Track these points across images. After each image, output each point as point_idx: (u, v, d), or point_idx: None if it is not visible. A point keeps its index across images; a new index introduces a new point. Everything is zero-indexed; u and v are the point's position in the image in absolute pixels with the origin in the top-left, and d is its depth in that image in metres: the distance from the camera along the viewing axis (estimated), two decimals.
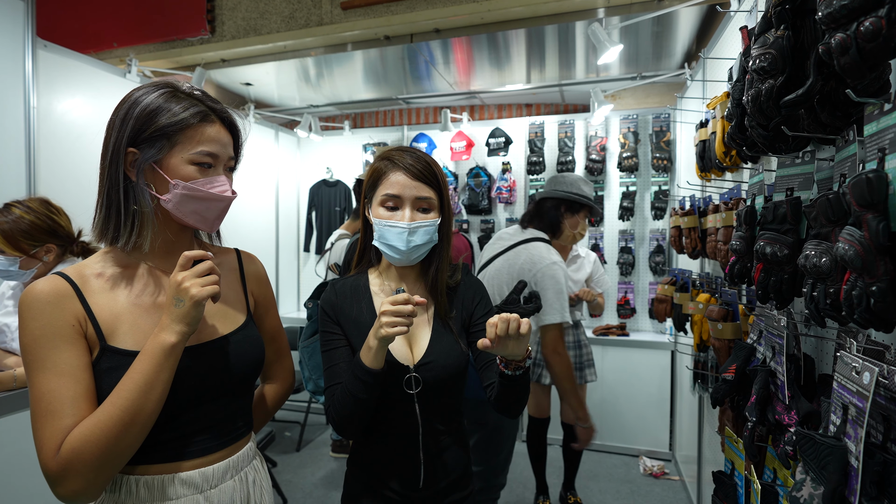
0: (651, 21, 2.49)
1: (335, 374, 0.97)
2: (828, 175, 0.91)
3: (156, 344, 0.72)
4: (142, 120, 0.77)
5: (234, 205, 0.88)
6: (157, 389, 0.72)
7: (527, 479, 2.91)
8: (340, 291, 1.03)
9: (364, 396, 0.89)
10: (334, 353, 0.99)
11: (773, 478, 1.10)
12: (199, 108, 0.80)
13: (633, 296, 3.46)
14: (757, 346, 1.20)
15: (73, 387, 0.71)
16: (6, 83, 2.04)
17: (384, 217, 0.95)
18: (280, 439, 3.41)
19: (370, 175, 1.00)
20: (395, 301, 0.85)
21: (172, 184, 0.78)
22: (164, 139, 0.77)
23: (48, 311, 0.72)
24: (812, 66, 0.78)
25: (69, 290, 0.74)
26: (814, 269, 0.76)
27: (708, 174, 1.83)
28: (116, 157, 0.77)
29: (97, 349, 0.75)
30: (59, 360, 0.71)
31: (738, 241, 1.18)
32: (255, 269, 1.01)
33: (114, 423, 0.69)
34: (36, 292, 0.73)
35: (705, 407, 2.31)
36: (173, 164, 0.78)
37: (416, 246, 0.95)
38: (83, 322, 0.74)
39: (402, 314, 0.84)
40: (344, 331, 1.00)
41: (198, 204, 0.80)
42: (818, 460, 0.69)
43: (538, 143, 3.54)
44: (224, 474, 0.83)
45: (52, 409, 0.69)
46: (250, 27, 2.92)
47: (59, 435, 0.68)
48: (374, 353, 0.87)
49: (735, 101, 1.18)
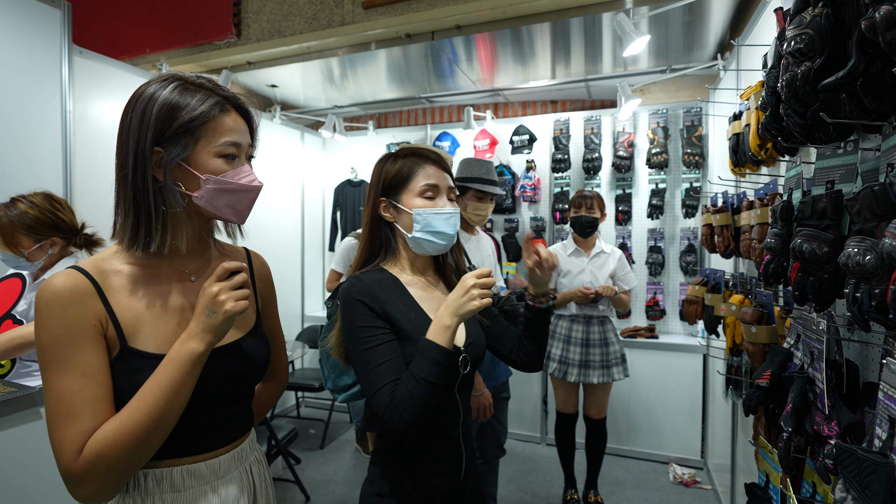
0: (682, 10, 2.39)
1: (385, 373, 0.88)
2: (873, 166, 0.84)
3: (184, 351, 0.72)
4: (162, 118, 0.75)
5: (261, 204, 0.87)
6: (182, 396, 0.72)
7: (555, 475, 2.90)
8: (375, 284, 0.96)
9: (441, 382, 0.86)
10: (380, 349, 0.90)
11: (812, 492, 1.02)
12: (214, 99, 0.79)
13: (663, 297, 3.34)
14: (794, 350, 1.12)
15: (95, 389, 0.70)
16: (44, 88, 2.12)
17: (426, 206, 0.98)
18: (304, 437, 3.45)
19: (397, 171, 1.01)
20: (480, 274, 0.88)
21: (203, 179, 0.77)
22: (188, 135, 0.76)
23: (70, 310, 0.70)
24: (854, 44, 0.71)
25: (90, 288, 0.73)
26: (857, 267, 0.69)
27: (742, 169, 1.74)
28: (143, 160, 0.75)
29: (116, 350, 0.74)
30: (81, 361, 0.70)
31: (773, 239, 1.11)
32: (263, 270, 1.01)
33: (139, 427, 0.69)
34: (56, 289, 0.70)
35: (739, 413, 2.20)
36: (201, 160, 0.77)
37: (457, 231, 1.01)
38: (104, 322, 0.73)
39: (489, 286, 0.87)
40: (392, 322, 0.94)
41: (230, 197, 0.80)
42: (861, 478, 0.63)
43: (563, 140, 3.47)
44: (229, 466, 0.84)
45: (72, 410, 0.68)
46: (274, 29, 2.96)
47: (81, 437, 0.68)
48: (452, 332, 0.87)
49: (769, 88, 1.11)
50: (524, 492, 2.76)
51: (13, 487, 1.34)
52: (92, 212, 1.75)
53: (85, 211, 1.78)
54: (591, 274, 2.48)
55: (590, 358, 2.44)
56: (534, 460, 3.15)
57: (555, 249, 2.59)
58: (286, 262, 3.86)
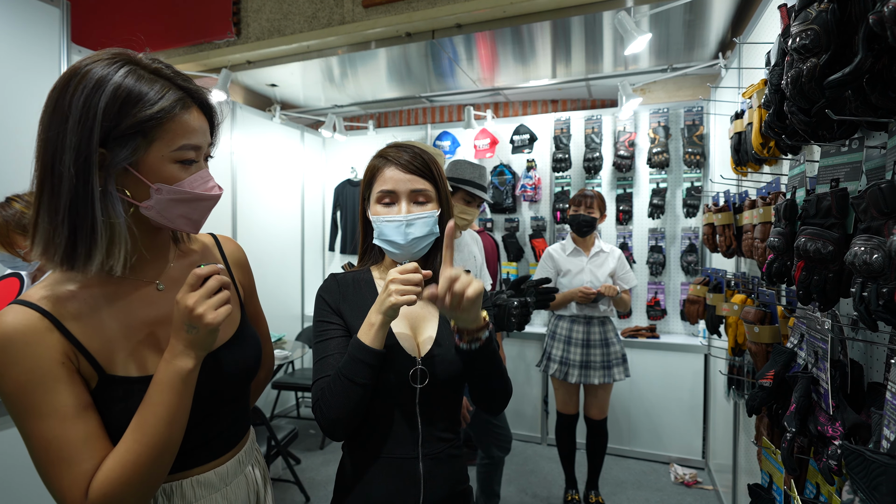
0: (682, 8, 2.38)
1: (326, 366, 0.88)
2: (878, 164, 0.83)
3: (172, 372, 0.66)
4: (112, 112, 0.62)
5: (261, 204, 0.83)
6: (181, 416, 0.68)
7: (555, 475, 2.90)
8: (343, 282, 0.98)
9: (362, 381, 0.81)
10: (328, 343, 0.91)
11: (816, 493, 1.01)
12: (176, 94, 0.67)
13: (664, 297, 3.33)
14: (798, 350, 1.11)
15: (82, 428, 0.63)
16: (42, 88, 2.09)
17: (381, 213, 0.91)
18: (304, 437, 3.44)
19: (367, 174, 0.97)
20: (404, 269, 0.81)
21: (154, 188, 0.66)
22: (139, 136, 0.64)
23: (28, 353, 0.61)
24: (861, 40, 0.70)
25: (44, 323, 0.63)
26: (864, 266, 0.69)
27: (744, 168, 1.73)
28: (86, 161, 0.61)
29: (95, 380, 0.67)
30: (58, 404, 0.62)
31: (777, 238, 1.10)
32: (237, 255, 0.93)
33: (143, 460, 0.64)
34: (6, 333, 0.61)
35: (741, 414, 2.19)
36: (152, 165, 0.66)
37: (416, 238, 0.91)
38: (72, 356, 0.65)
39: (412, 282, 0.80)
40: (345, 319, 0.94)
41: (185, 207, 0.70)
42: (868, 479, 0.62)
43: (564, 140, 3.46)
44: (236, 470, 0.82)
45: (64, 456, 0.62)
46: (274, 28, 2.95)
47: (82, 481, 0.62)
48: (375, 330, 0.81)
49: (773, 86, 1.10)
50: (525, 492, 2.75)
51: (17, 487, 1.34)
52: None
53: None
54: (591, 273, 2.47)
55: (591, 359, 2.43)
56: (534, 461, 3.14)
57: (554, 249, 2.58)
58: (286, 261, 3.84)
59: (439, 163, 0.99)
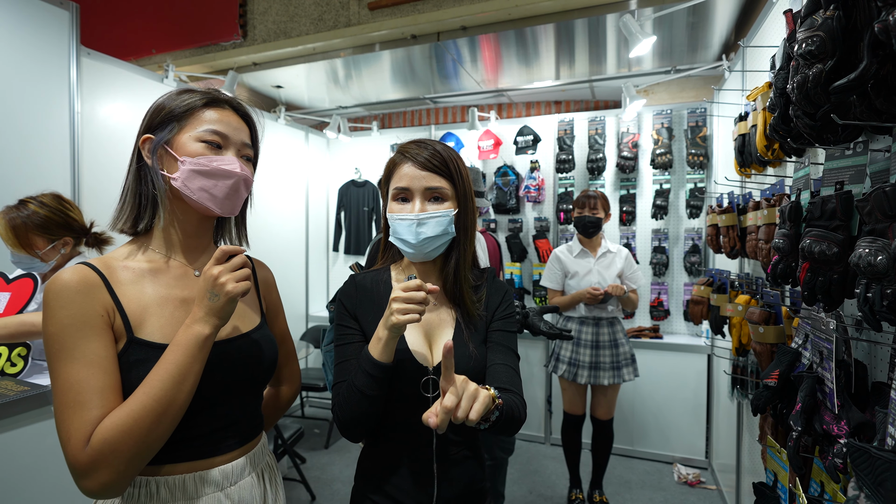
0: (686, 11, 2.39)
1: (345, 370, 0.90)
2: (883, 167, 0.85)
3: (189, 335, 0.72)
4: (156, 110, 0.82)
5: (265, 204, 0.88)
6: (190, 380, 0.72)
7: (559, 474, 2.92)
8: (361, 284, 0.98)
9: (371, 393, 0.83)
10: (346, 348, 0.92)
11: (821, 491, 1.03)
12: (209, 96, 0.83)
13: (667, 297, 3.34)
14: (802, 350, 1.13)
15: (102, 377, 0.70)
16: (52, 89, 2.14)
17: (395, 210, 0.91)
18: (309, 436, 3.46)
19: (386, 169, 0.96)
20: (406, 287, 0.80)
21: (180, 160, 0.79)
22: (173, 121, 0.80)
23: (77, 300, 0.71)
24: (866, 47, 0.72)
25: (97, 280, 0.74)
26: (868, 268, 0.70)
27: (748, 170, 1.74)
28: (135, 147, 0.82)
29: (123, 341, 0.74)
30: (88, 350, 0.70)
31: (781, 239, 1.12)
32: (265, 276, 1.02)
33: (147, 413, 0.68)
34: (64, 281, 0.71)
35: (744, 413, 2.20)
36: (182, 143, 0.80)
37: (428, 238, 0.89)
38: (111, 313, 0.74)
39: (414, 301, 0.79)
40: (361, 325, 0.95)
41: (204, 180, 0.79)
42: (874, 476, 0.63)
43: (567, 141, 3.47)
44: (242, 471, 0.83)
45: (80, 399, 0.67)
46: (280, 30, 2.97)
47: (88, 426, 0.67)
48: (383, 344, 0.82)
49: (778, 90, 1.12)
50: (529, 492, 2.77)
51: (27, 485, 1.35)
52: (100, 212, 1.75)
53: (93, 211, 1.79)
54: (599, 274, 2.48)
55: (600, 360, 2.44)
56: (538, 460, 3.15)
57: (561, 251, 2.59)
58: (290, 262, 3.87)
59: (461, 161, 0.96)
